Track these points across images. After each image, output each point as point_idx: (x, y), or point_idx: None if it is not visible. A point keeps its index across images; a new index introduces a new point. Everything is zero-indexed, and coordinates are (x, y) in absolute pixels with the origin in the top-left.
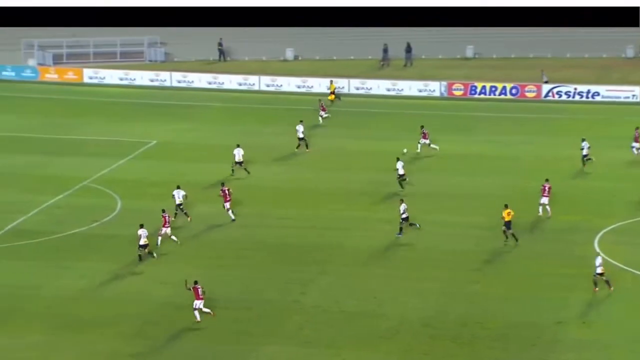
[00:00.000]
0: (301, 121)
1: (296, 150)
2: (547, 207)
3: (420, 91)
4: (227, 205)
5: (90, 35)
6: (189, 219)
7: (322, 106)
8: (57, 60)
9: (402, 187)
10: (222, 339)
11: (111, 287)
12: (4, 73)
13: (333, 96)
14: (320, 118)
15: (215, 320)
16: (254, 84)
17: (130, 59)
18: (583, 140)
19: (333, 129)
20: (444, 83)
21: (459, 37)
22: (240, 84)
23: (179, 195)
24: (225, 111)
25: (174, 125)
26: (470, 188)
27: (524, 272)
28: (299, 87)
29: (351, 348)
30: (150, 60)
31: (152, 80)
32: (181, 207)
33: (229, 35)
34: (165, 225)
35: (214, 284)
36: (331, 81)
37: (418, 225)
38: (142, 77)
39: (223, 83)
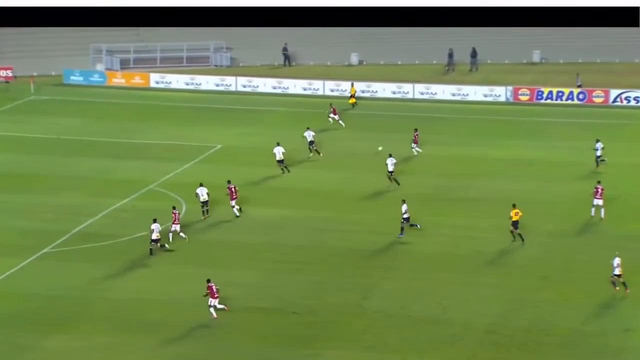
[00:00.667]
0: (308, 128)
1: (310, 156)
2: (602, 209)
3: (485, 96)
4: (233, 202)
5: (157, 40)
6: (204, 217)
7: (333, 109)
8: (125, 65)
9: (397, 183)
10: (287, 343)
11: (177, 289)
12: (72, 78)
13: (354, 99)
14: (330, 120)
15: (281, 324)
16: (318, 89)
17: (196, 63)
18: (597, 141)
19: (397, 134)
20: (510, 88)
21: (525, 42)
22: (304, 89)
23: (202, 193)
24: (290, 116)
25: (239, 129)
26: (537, 194)
27: (590, 278)
28: (363, 91)
29: (414, 354)
30: (216, 65)
31: (217, 85)
32: (207, 203)
33: (294, 40)
34: (175, 222)
35: (279, 289)
36: (352, 84)
37: (419, 226)
38: (208, 82)
39: (287, 88)
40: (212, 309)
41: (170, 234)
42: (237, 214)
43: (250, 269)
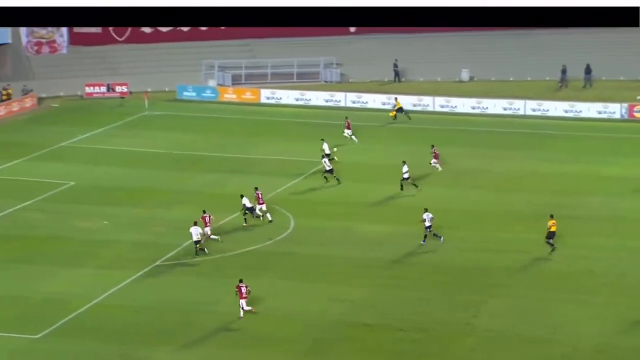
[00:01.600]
0: (322, 139)
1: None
2: None
3: (599, 113)
4: (263, 207)
5: (268, 56)
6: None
7: (347, 124)
8: (236, 80)
9: (401, 189)
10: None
11: (285, 304)
12: (185, 93)
13: (394, 112)
14: (346, 136)
15: (387, 341)
16: (427, 105)
17: (306, 79)
18: None
19: (507, 150)
20: (625, 105)
21: None
22: (414, 105)
23: (247, 202)
24: (398, 131)
25: (347, 145)
26: None
27: None
28: (473, 108)
29: None
30: (326, 81)
31: (326, 101)
32: (253, 209)
33: (404, 56)
34: (207, 226)
35: (385, 305)
36: (396, 98)
37: (441, 239)
38: (317, 98)
39: None
40: (241, 311)
41: (204, 238)
42: (269, 217)
43: (356, 284)
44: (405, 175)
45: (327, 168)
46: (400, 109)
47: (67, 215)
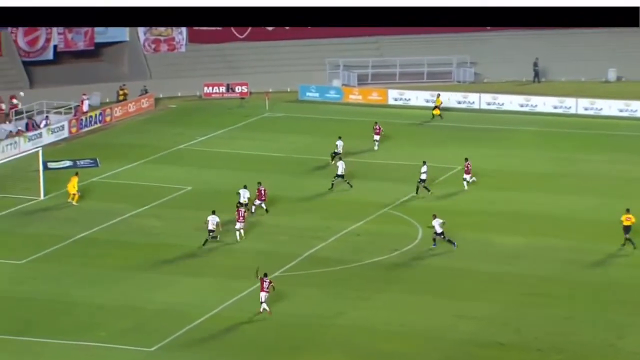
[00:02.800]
0: (340, 137)
1: (330, 162)
2: None
3: None
4: (258, 202)
5: (396, 55)
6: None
7: (378, 129)
8: (362, 80)
9: (416, 192)
10: None
11: (410, 319)
12: (308, 94)
13: (438, 111)
14: (375, 143)
15: None
16: (570, 107)
17: (437, 79)
18: None
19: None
20: None
21: None
22: (555, 107)
23: (244, 195)
24: (538, 136)
25: (482, 150)
26: None
27: None
28: (621, 110)
29: None
30: (459, 81)
31: (459, 103)
32: (247, 205)
33: (545, 54)
34: (240, 220)
35: (521, 323)
36: (438, 95)
37: (455, 246)
38: (449, 99)
39: (536, 106)
40: (263, 305)
41: (237, 233)
42: (252, 210)
43: (489, 300)
44: (423, 177)
45: (339, 172)
46: (437, 107)
47: (184, 221)
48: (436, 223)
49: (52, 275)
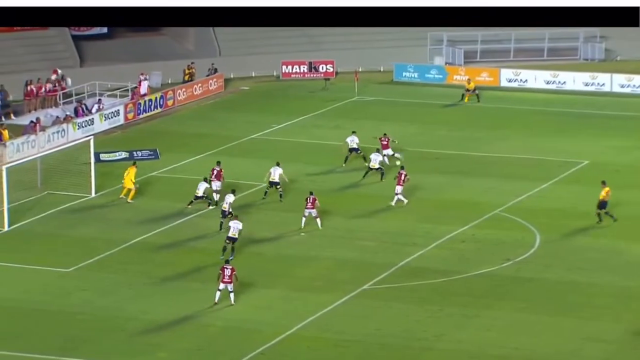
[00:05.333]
0: (354, 131)
1: (343, 165)
2: None
3: None
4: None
5: (511, 28)
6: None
7: (385, 141)
8: (469, 58)
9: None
10: None
11: (526, 342)
12: (404, 74)
13: (468, 94)
14: (396, 158)
15: None
16: None
17: (560, 57)
18: None
19: None
20: None
21: None
22: None
23: (275, 172)
24: None
25: (613, 141)
26: None
27: None
28: None
29: None
30: (586, 59)
31: (586, 85)
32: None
33: None
34: (309, 207)
35: None
36: (469, 80)
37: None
38: (575, 80)
39: None
40: (218, 293)
41: (303, 219)
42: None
43: (617, 320)
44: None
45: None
46: (469, 90)
47: (257, 224)
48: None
49: (104, 286)
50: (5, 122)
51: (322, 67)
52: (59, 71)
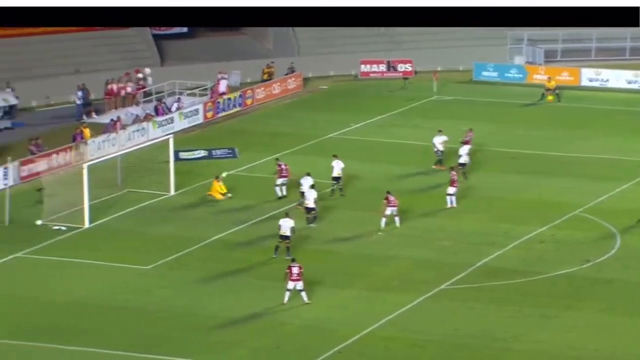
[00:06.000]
0: (440, 130)
1: (433, 167)
2: None
3: None
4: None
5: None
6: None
7: (467, 136)
8: (550, 57)
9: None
10: None
11: (607, 344)
12: (484, 73)
13: (552, 97)
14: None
15: None
16: None
17: None
18: None
19: None
20: None
21: None
22: None
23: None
24: None
25: None
26: None
27: None
28: None
29: None
30: None
31: None
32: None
33: None
34: (390, 205)
35: None
36: (549, 78)
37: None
38: None
39: None
40: (288, 293)
41: (383, 220)
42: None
43: None
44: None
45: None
46: (549, 89)
47: (334, 223)
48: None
49: (183, 284)
50: (87, 120)
51: (401, 67)
52: (147, 70)
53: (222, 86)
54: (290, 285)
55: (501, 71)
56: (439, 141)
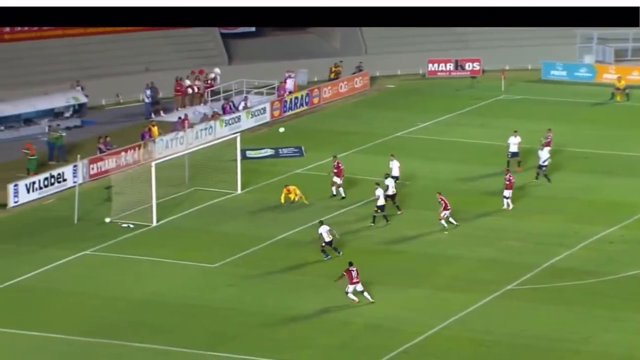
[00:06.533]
0: (515, 131)
1: (517, 169)
2: None
3: None
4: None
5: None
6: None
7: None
8: (620, 56)
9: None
10: None
11: None
12: (553, 72)
13: (621, 96)
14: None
15: None
16: None
17: None
18: None
19: None
20: None
21: None
22: None
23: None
24: None
25: None
26: None
27: None
28: None
29: None
30: None
31: None
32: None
33: None
34: (447, 208)
35: None
36: (619, 78)
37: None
38: None
39: None
40: (350, 295)
41: (443, 221)
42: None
43: None
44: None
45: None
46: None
47: (400, 223)
48: (323, 230)
49: (249, 282)
50: (155, 119)
51: (469, 65)
52: (217, 70)
53: (290, 84)
54: (350, 288)
55: (570, 70)
56: (514, 142)
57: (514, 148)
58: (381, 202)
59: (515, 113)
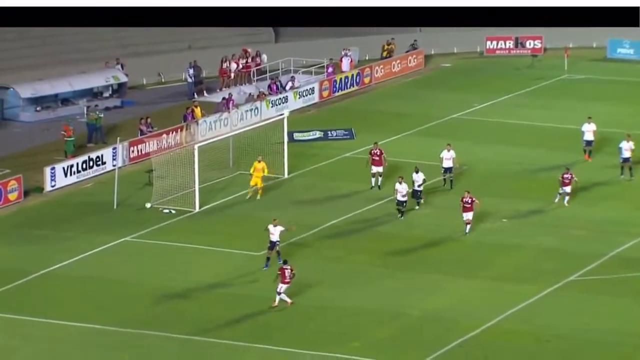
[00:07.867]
0: (590, 117)
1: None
2: None
3: None
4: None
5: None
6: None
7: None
8: None
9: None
10: None
11: None
12: (619, 51)
13: None
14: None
15: None
16: None
17: None
18: None
19: None
20: None
21: None
22: None
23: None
24: None
25: None
26: None
27: None
28: None
29: None
30: None
31: None
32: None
33: None
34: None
35: None
36: None
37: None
38: None
39: None
40: (280, 296)
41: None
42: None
43: None
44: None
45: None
46: None
47: (453, 211)
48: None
49: (311, 272)
50: (197, 99)
51: (530, 43)
52: (264, 56)
53: (345, 64)
54: (283, 287)
55: (638, 48)
56: (588, 129)
57: (588, 136)
58: (401, 197)
59: (579, 94)
